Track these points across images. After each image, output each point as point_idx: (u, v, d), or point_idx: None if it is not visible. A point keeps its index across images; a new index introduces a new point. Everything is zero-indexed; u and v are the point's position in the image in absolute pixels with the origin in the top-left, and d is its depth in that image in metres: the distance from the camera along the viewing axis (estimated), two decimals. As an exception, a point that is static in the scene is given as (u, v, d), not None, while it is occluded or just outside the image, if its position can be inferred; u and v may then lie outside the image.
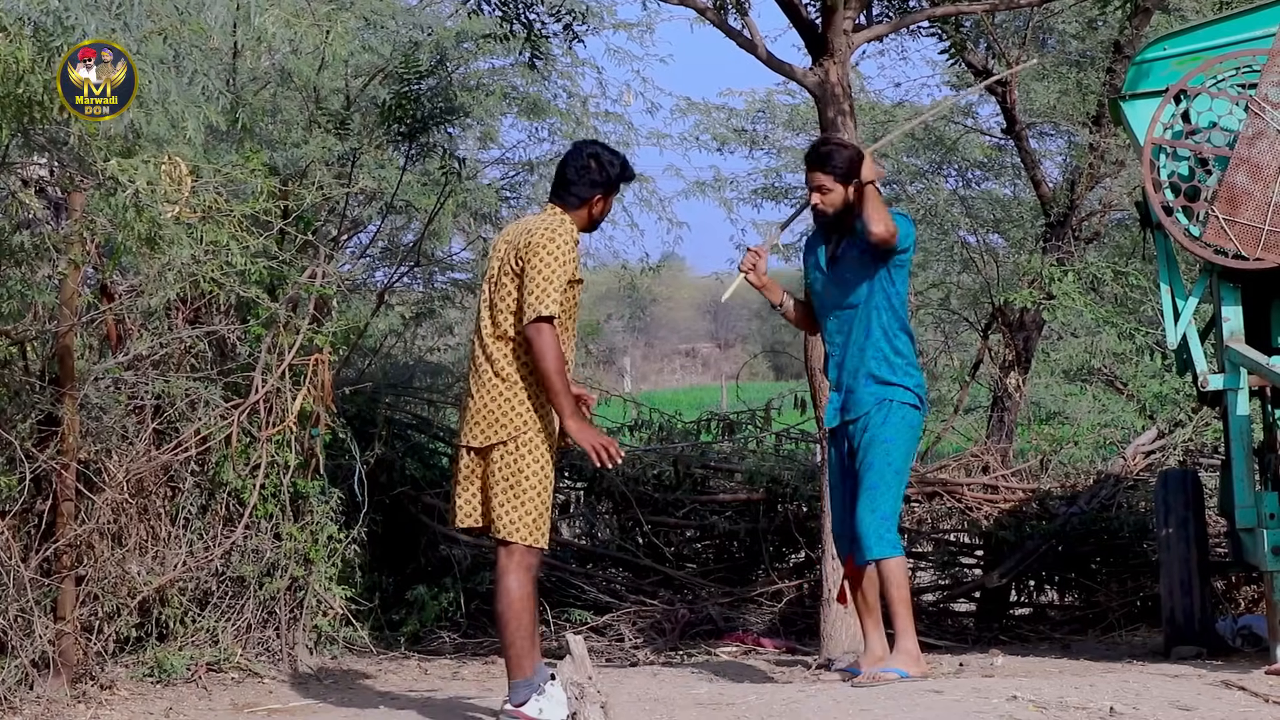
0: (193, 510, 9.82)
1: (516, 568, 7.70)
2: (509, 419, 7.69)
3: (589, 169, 7.92)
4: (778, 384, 28.41)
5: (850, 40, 10.21)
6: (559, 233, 7.72)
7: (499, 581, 7.74)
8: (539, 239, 7.69)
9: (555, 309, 7.60)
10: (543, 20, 11.25)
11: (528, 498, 7.68)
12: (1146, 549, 12.21)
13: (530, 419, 7.70)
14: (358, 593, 10.49)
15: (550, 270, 7.63)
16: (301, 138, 11.73)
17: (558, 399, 7.61)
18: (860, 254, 8.88)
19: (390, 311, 14.89)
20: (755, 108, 20.73)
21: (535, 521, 7.68)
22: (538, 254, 7.67)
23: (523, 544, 7.67)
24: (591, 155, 7.96)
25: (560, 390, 7.59)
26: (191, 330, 9.90)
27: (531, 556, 7.73)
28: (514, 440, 7.69)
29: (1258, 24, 9.99)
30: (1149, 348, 15.00)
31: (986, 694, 8.12)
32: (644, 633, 11.70)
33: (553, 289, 7.61)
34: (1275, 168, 9.59)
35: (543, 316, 7.58)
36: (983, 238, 18.32)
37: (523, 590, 7.68)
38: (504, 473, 7.69)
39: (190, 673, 9.43)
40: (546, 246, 7.67)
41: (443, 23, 14.24)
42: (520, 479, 7.68)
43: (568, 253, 7.69)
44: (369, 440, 11.47)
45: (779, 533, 12.71)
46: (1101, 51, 15.80)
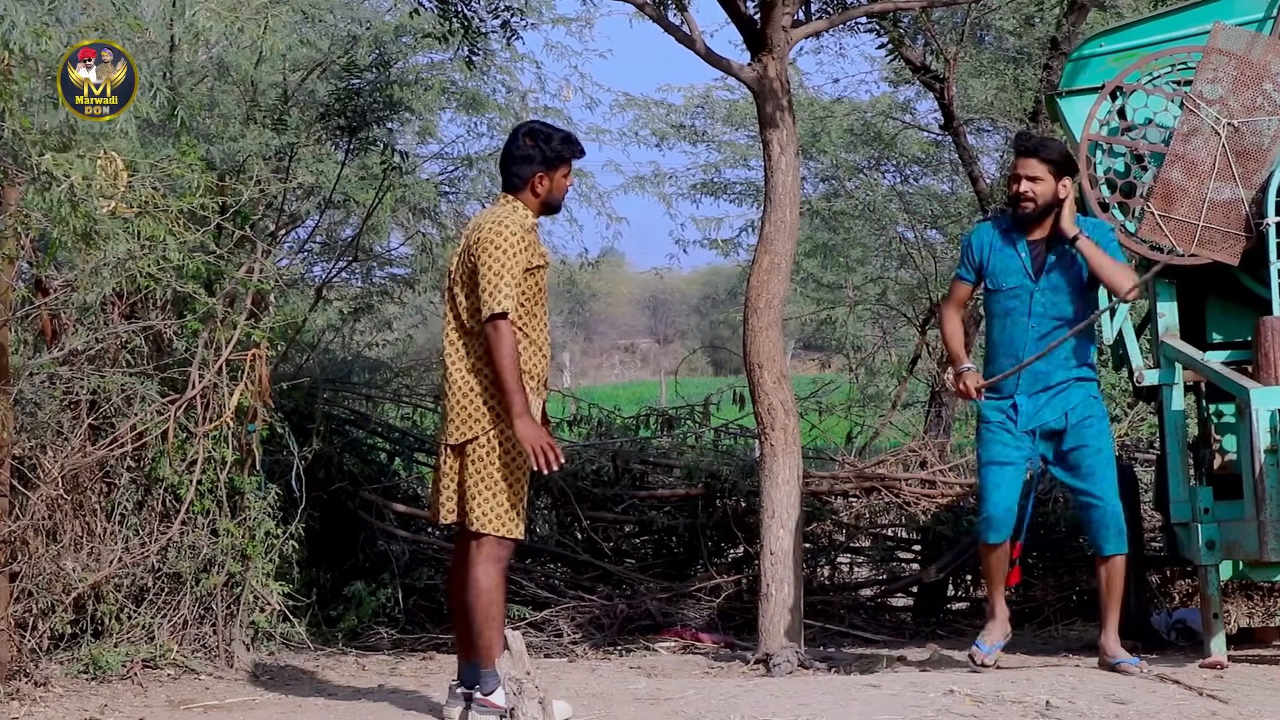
0: (129, 506, 9.76)
1: (485, 559, 7.79)
2: (480, 414, 7.75)
3: (523, 146, 7.93)
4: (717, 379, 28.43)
5: (789, 36, 10.22)
6: (505, 224, 7.73)
7: (469, 572, 7.83)
8: (485, 234, 7.72)
9: (509, 304, 7.62)
10: (480, 17, 11.22)
11: (499, 489, 7.75)
12: (1083, 543, 12.25)
13: (501, 413, 7.73)
14: (295, 589, 10.45)
15: (500, 264, 7.65)
16: (239, 132, 11.66)
17: (509, 396, 7.65)
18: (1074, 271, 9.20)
19: (328, 306, 14.86)
20: (694, 103, 20.75)
21: (506, 513, 7.76)
22: (486, 249, 7.69)
23: (494, 535, 7.74)
24: (526, 133, 7.98)
25: (512, 388, 7.63)
26: (128, 325, 9.84)
27: (502, 548, 7.82)
28: (485, 435, 7.74)
29: (1192, 21, 10.07)
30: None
31: (923, 688, 8.15)
32: (582, 628, 11.70)
33: (504, 284, 7.63)
34: (1210, 164, 9.66)
35: (496, 314, 7.61)
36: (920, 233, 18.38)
37: (490, 581, 7.78)
38: (476, 466, 7.76)
39: (126, 669, 9.38)
40: (494, 240, 7.68)
41: (381, 17, 14.19)
42: (491, 471, 7.75)
43: (516, 243, 7.70)
44: (307, 436, 11.43)
45: (717, 528, 12.72)
46: (1038, 48, 15.85)
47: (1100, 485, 9.13)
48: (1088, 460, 9.13)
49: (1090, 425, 9.16)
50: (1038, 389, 9.21)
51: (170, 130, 10.47)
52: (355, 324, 16.23)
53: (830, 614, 12.24)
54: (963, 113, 15.88)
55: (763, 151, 10.26)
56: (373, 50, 13.22)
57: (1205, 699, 8.09)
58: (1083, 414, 9.18)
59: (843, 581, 13.17)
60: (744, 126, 20.10)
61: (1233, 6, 10.07)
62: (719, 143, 20.85)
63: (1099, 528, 9.16)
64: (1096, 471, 9.14)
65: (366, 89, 12.75)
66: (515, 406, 7.65)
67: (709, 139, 20.83)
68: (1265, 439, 8.94)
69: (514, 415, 7.66)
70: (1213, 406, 10.45)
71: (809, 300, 21.02)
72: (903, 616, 12.87)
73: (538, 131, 7.99)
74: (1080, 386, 9.21)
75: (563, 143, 7.99)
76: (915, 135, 18.66)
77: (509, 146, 7.99)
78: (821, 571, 12.93)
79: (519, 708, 7.44)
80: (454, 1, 11.06)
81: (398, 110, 13.27)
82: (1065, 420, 9.19)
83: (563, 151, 7.98)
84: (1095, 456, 9.13)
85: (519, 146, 7.95)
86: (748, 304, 10.19)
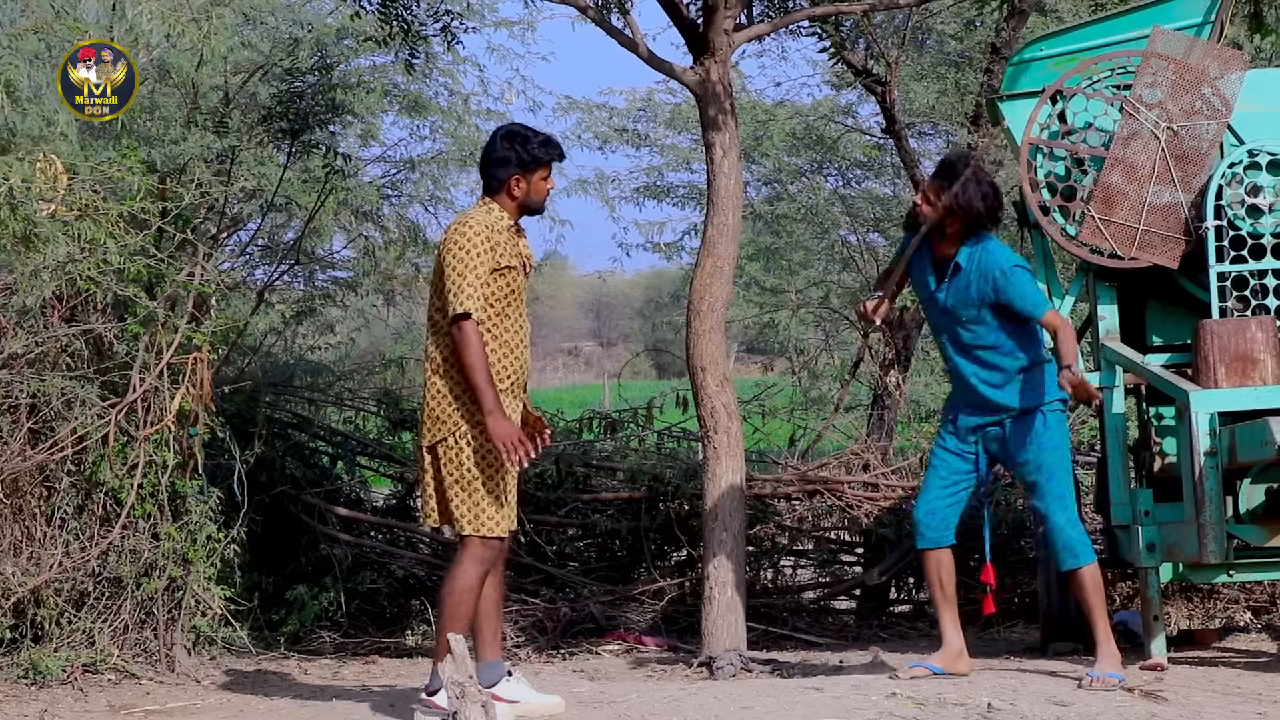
0: (69, 510, 9.72)
1: (467, 559, 7.85)
2: (450, 415, 7.77)
3: (500, 149, 7.93)
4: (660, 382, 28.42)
5: (731, 39, 10.23)
6: (468, 225, 7.74)
7: (450, 569, 7.91)
8: (449, 235, 7.76)
9: (472, 304, 7.63)
10: (421, 20, 11.20)
11: (474, 489, 7.77)
12: (1024, 546, 12.30)
13: (470, 413, 7.73)
14: (237, 593, 10.41)
15: (462, 265, 7.67)
16: (180, 135, 11.64)
17: (478, 394, 7.67)
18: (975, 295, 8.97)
19: (270, 310, 14.80)
20: (636, 106, 20.75)
21: (486, 512, 7.78)
22: (449, 250, 7.72)
23: (476, 535, 7.74)
24: (504, 136, 7.97)
25: (480, 385, 7.65)
26: (68, 329, 9.79)
27: (485, 548, 7.84)
28: (454, 435, 7.75)
29: (1132, 25, 10.12)
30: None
31: (866, 690, 8.16)
32: (526, 631, 11.68)
33: (466, 284, 7.64)
34: (1149, 168, 9.71)
35: (458, 315, 7.61)
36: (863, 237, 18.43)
37: (467, 581, 7.80)
38: (449, 468, 7.78)
39: (66, 674, 9.34)
40: (457, 241, 7.71)
41: (323, 19, 14.16)
42: (465, 471, 7.76)
43: (480, 244, 7.70)
44: (249, 439, 11.39)
45: (661, 531, 12.71)
46: (979, 52, 15.91)
47: (1044, 501, 8.95)
48: (1030, 476, 8.97)
49: (1035, 441, 8.96)
50: (979, 408, 9.03)
51: (111, 133, 10.43)
52: (297, 327, 16.19)
53: (773, 617, 12.25)
54: (904, 116, 15.92)
55: (705, 155, 10.26)
56: (314, 53, 13.20)
57: (1146, 700, 8.13)
58: (1035, 439, 8.95)
59: (786, 584, 13.18)
60: (686, 130, 20.12)
61: (1171, 11, 10.13)
62: (662, 146, 20.87)
63: (1047, 546, 9.03)
64: (1039, 485, 8.95)
65: (308, 92, 12.73)
66: (485, 403, 7.65)
67: (651, 142, 20.84)
68: (1205, 441, 8.99)
69: (485, 412, 7.67)
70: (1153, 409, 10.51)
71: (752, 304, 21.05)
72: (846, 619, 12.89)
73: (515, 134, 7.98)
74: (1038, 414, 8.89)
75: (541, 145, 7.97)
76: (857, 139, 18.70)
77: (487, 149, 8.00)
78: (765, 574, 12.93)
79: (461, 712, 7.42)
80: (395, 5, 11.04)
81: (340, 113, 13.25)
82: (1010, 441, 9.01)
83: (540, 154, 7.96)
84: (1037, 474, 8.95)
85: (496, 149, 7.94)
86: (690, 307, 10.19)
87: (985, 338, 8.85)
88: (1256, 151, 9.62)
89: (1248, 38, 11.64)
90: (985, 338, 8.85)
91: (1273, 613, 12.00)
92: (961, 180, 8.76)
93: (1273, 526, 9.16)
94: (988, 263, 8.79)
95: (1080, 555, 8.81)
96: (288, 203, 13.91)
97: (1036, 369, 8.87)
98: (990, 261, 8.79)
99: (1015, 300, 8.75)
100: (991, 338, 8.84)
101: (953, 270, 8.86)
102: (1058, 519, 8.84)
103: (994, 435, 8.96)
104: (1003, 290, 8.75)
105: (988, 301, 8.79)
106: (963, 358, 8.93)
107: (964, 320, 8.86)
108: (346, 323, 18.63)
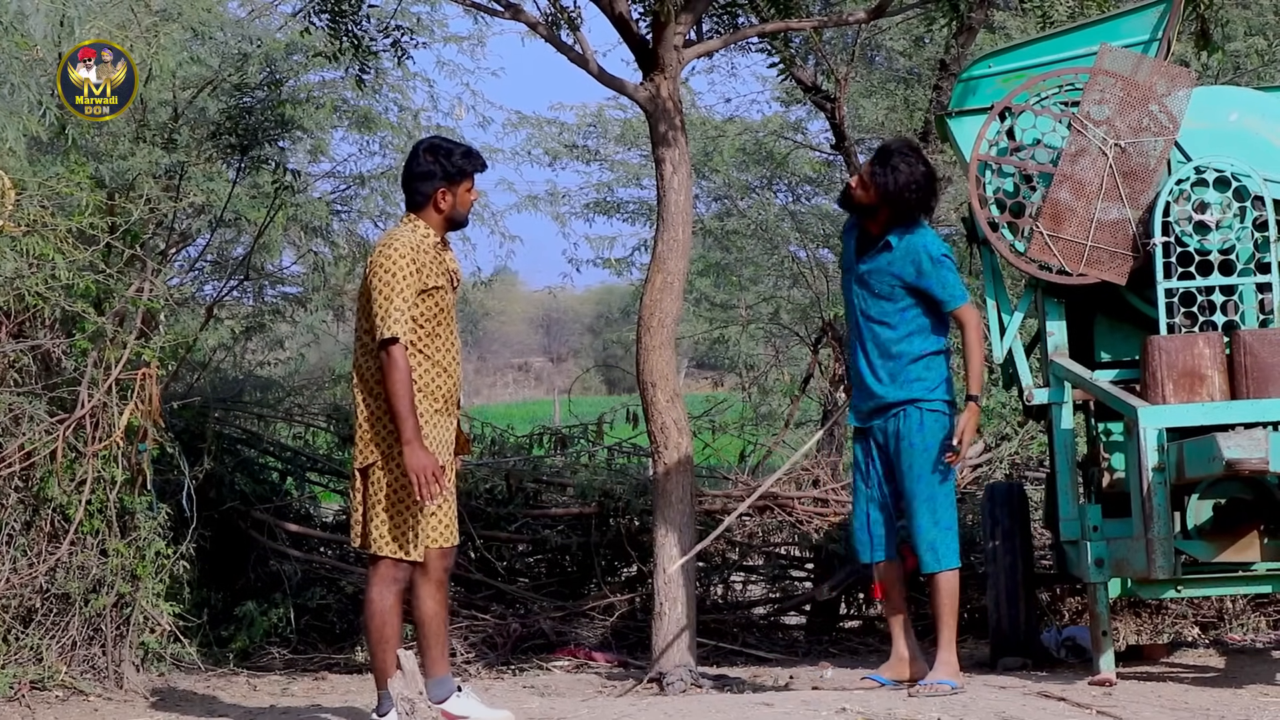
0: (16, 526, 9.68)
1: (379, 580, 7.85)
2: (379, 439, 7.75)
3: (424, 162, 7.90)
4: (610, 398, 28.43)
5: (681, 56, 10.25)
6: (393, 246, 7.70)
7: (365, 594, 7.91)
8: (375, 257, 7.72)
9: (399, 329, 7.59)
10: (371, 36, 11.19)
11: (394, 512, 7.75)
12: (974, 561, 12.32)
13: (395, 438, 7.70)
14: (186, 609, 10.38)
15: (388, 288, 7.63)
16: (129, 150, 11.57)
17: (400, 421, 7.63)
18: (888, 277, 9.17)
19: (219, 325, 14.74)
20: (586, 122, 20.73)
21: (402, 535, 7.75)
22: (375, 273, 7.68)
23: (390, 557, 7.72)
24: (426, 149, 7.95)
25: (403, 413, 7.61)
26: (15, 344, 9.75)
27: (397, 570, 7.83)
28: (383, 458, 7.72)
29: (1079, 43, 10.16)
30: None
31: (816, 706, 8.17)
32: (476, 647, 11.66)
33: (394, 308, 7.61)
34: (1097, 184, 9.75)
35: (385, 340, 7.58)
36: (813, 252, 18.42)
37: (384, 604, 7.82)
38: (373, 490, 7.77)
39: (13, 691, 9.30)
40: (383, 264, 7.67)
41: (272, 35, 14.12)
42: (387, 494, 7.74)
43: (405, 265, 7.67)
44: (198, 455, 11.36)
45: (611, 546, 12.71)
46: (928, 69, 15.95)
47: (908, 502, 9.11)
48: (903, 484, 9.13)
49: (907, 439, 9.10)
50: (871, 408, 9.21)
51: (59, 148, 10.38)
52: (247, 343, 16.12)
53: (724, 633, 12.25)
54: (854, 132, 15.95)
55: (655, 170, 10.27)
56: (264, 68, 13.15)
57: (1094, 715, 8.16)
58: (907, 436, 9.10)
59: (736, 600, 13.19)
60: (636, 145, 20.11)
61: (1119, 28, 10.17)
62: (612, 162, 20.84)
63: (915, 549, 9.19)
64: (905, 486, 9.12)
65: (258, 107, 12.68)
66: (405, 432, 7.62)
67: (602, 158, 20.82)
68: (1153, 457, 9.03)
69: (403, 441, 7.64)
70: (1102, 425, 10.55)
71: (702, 319, 21.04)
72: (796, 635, 12.90)
73: (438, 147, 7.96)
74: (915, 409, 9.14)
75: (464, 157, 7.95)
76: (807, 155, 18.72)
77: (409, 164, 7.95)
78: (715, 590, 12.93)
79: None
80: (344, 20, 11.03)
81: (289, 129, 13.21)
82: (891, 440, 9.14)
83: (464, 166, 7.93)
84: (907, 473, 9.10)
85: (419, 163, 7.91)
86: (641, 323, 10.20)
87: (890, 315, 9.10)
88: (1204, 169, 9.67)
89: (1195, 55, 11.68)
90: (890, 315, 9.10)
91: (1220, 628, 12.06)
92: (890, 168, 8.99)
93: (1220, 542, 9.23)
94: (917, 245, 9.10)
95: (943, 559, 9.09)
96: (237, 218, 13.86)
97: (930, 361, 9.13)
98: (919, 244, 9.11)
99: (935, 287, 9.08)
100: (896, 317, 9.10)
101: (883, 246, 9.13)
102: (921, 520, 9.08)
103: (880, 440, 9.18)
104: (925, 274, 9.08)
105: (907, 281, 9.09)
106: (865, 333, 9.16)
107: (876, 292, 9.13)
108: (296, 338, 18.55)
